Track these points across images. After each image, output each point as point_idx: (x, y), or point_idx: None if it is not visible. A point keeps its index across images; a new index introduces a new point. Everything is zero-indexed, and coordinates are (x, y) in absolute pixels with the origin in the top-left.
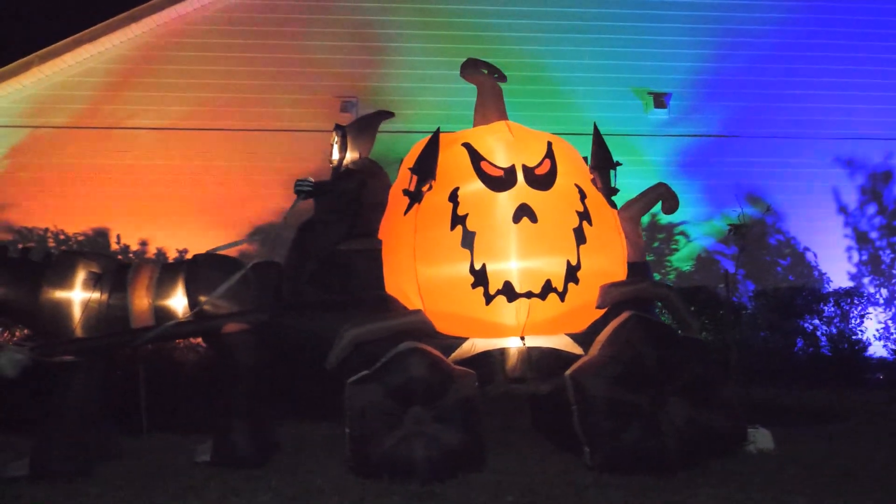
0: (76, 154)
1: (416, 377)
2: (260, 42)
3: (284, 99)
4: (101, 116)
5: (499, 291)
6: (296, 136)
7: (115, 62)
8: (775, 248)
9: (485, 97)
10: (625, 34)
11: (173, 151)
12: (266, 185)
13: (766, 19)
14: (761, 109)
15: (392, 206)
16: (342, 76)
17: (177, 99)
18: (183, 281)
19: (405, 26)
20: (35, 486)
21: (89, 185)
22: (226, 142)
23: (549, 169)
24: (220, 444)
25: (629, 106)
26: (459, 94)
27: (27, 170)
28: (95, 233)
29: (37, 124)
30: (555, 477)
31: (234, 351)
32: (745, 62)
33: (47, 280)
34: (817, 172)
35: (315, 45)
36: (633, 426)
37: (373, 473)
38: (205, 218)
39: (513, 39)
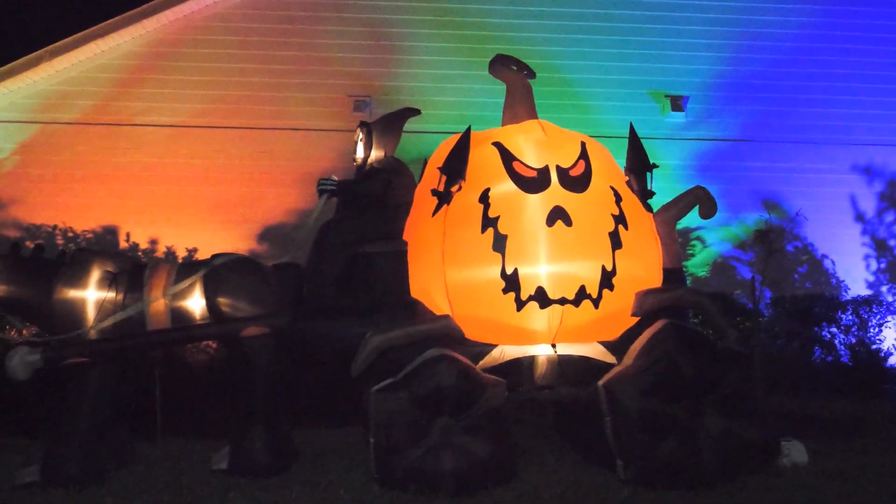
0: (86, 151)
1: (446, 386)
2: (273, 40)
3: (297, 97)
4: (112, 113)
5: (531, 297)
6: (308, 134)
7: (126, 58)
8: (792, 255)
9: (514, 95)
10: (642, 36)
11: (184, 149)
12: (278, 183)
13: (784, 23)
14: (779, 114)
15: (418, 207)
16: (355, 75)
17: (188, 96)
18: (201, 282)
19: (419, 25)
20: (47, 493)
21: (99, 182)
22: (237, 140)
23: (583, 170)
24: (238, 452)
25: (646, 109)
26: (474, 94)
27: (36, 166)
28: (104, 230)
29: (46, 120)
30: (589, 490)
31: (253, 355)
32: (763, 66)
33: (61, 279)
34: (835, 179)
35: (328, 43)
36: (669, 439)
37: (398, 485)
38: (215, 216)
39: (528, 40)
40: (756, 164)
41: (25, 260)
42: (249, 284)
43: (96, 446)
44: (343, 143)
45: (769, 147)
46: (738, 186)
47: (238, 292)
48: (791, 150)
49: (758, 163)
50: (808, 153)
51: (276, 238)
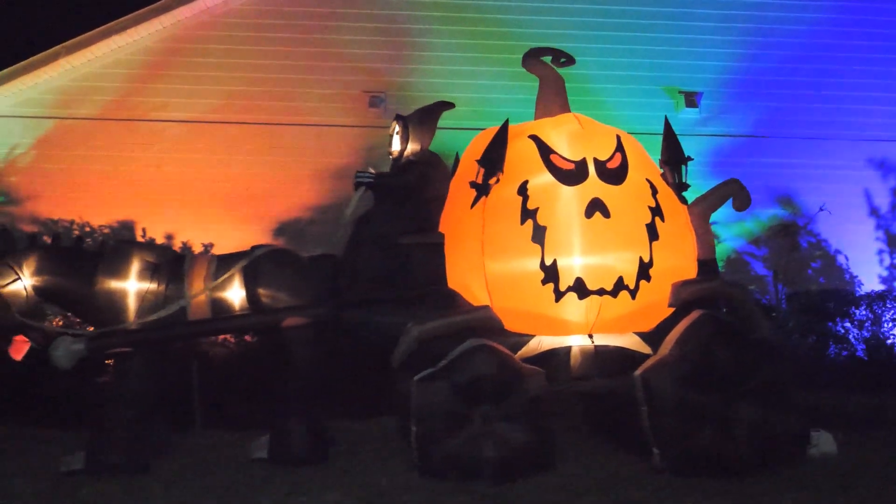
0: (102, 146)
1: (486, 375)
2: (288, 36)
3: (312, 93)
4: (128, 109)
5: (569, 288)
6: (323, 130)
7: (143, 54)
8: (806, 250)
9: (547, 89)
10: (656, 32)
11: (200, 144)
12: (294, 179)
13: (798, 19)
14: (793, 110)
15: (454, 199)
16: (371, 71)
17: (204, 91)
18: (241, 273)
19: (434, 21)
20: (96, 482)
21: (115, 177)
22: (253, 135)
23: (620, 163)
24: (277, 441)
25: (660, 105)
26: (489, 89)
27: (53, 161)
28: (121, 225)
29: (63, 116)
30: (625, 479)
31: (292, 345)
32: (777, 62)
33: (103, 270)
34: (849, 174)
35: (344, 39)
36: (705, 428)
37: (440, 474)
38: (231, 212)
39: (543, 37)
40: (770, 159)
41: (66, 250)
42: (288, 275)
43: (139, 435)
44: (358, 139)
45: (783, 143)
46: (751, 182)
47: (277, 283)
48: (805, 146)
49: (772, 159)
50: (821, 149)
51: (292, 233)
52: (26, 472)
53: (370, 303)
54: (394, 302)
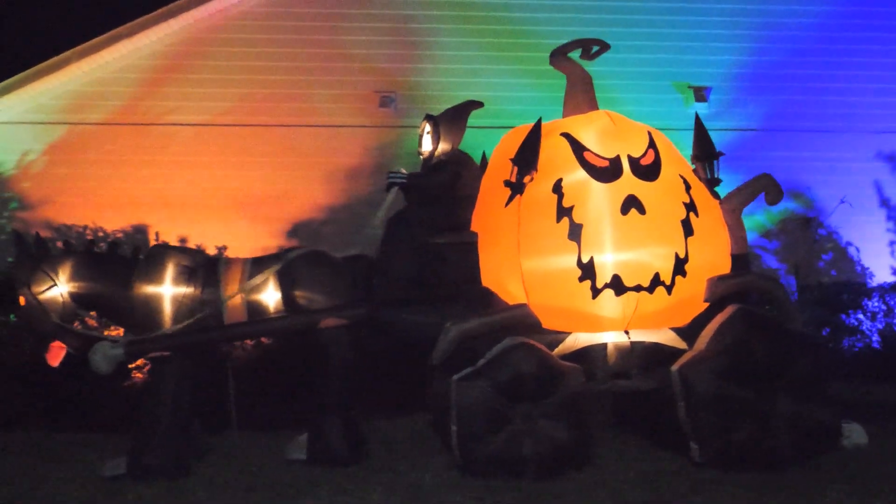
0: (114, 150)
1: (526, 373)
2: (298, 37)
3: (323, 94)
4: (139, 113)
5: (606, 285)
6: (334, 131)
7: (153, 58)
8: (817, 242)
9: (575, 86)
10: (665, 27)
11: (212, 147)
12: (305, 180)
13: (807, 12)
14: (802, 103)
15: (486, 198)
16: (381, 71)
17: (215, 95)
18: (276, 276)
19: (445, 20)
20: (139, 486)
21: (127, 181)
22: (264, 137)
23: (653, 159)
24: (315, 442)
25: (669, 100)
26: (500, 88)
27: (65, 166)
28: (134, 229)
29: (74, 121)
30: (664, 474)
31: (328, 347)
32: (786, 56)
33: (139, 274)
34: (859, 167)
35: (354, 39)
36: (743, 421)
37: (482, 472)
38: (244, 214)
39: (553, 33)
40: (780, 153)
41: (101, 256)
42: (324, 277)
43: (179, 439)
44: (369, 139)
45: (793, 136)
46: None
47: (313, 285)
48: (815, 139)
49: (781, 152)
50: (831, 142)
51: (305, 235)
52: (69, 477)
53: (406, 303)
54: (430, 301)
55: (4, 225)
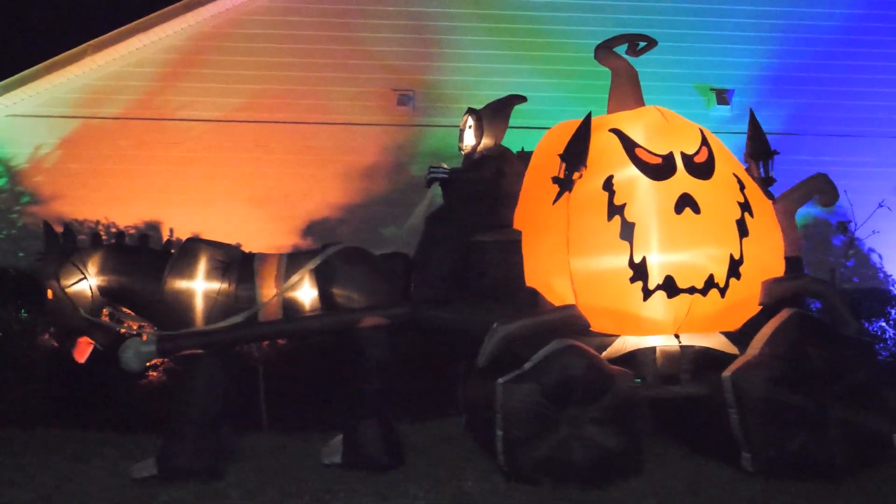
0: (128, 145)
1: (575, 377)
2: (315, 33)
3: (340, 92)
4: (154, 107)
5: (659, 286)
6: (351, 129)
7: (169, 52)
8: (839, 249)
9: (621, 82)
10: (687, 29)
11: (227, 143)
12: (321, 178)
13: (830, 15)
14: (825, 107)
15: (530, 195)
16: (399, 69)
17: (230, 90)
18: (313, 273)
19: (463, 18)
20: (172, 488)
21: (141, 176)
22: (280, 134)
23: (707, 157)
24: (351, 446)
25: (691, 102)
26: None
27: (79, 161)
28: (147, 225)
29: (89, 115)
30: (716, 483)
31: (366, 347)
32: (809, 58)
33: (172, 269)
34: (882, 171)
35: (372, 37)
36: (797, 430)
37: (527, 478)
38: (258, 211)
39: (573, 33)
40: (802, 157)
41: (131, 249)
42: (362, 275)
43: (210, 440)
44: (387, 138)
45: (815, 140)
46: (784, 180)
47: (352, 283)
48: (837, 143)
49: (804, 156)
50: (854, 146)
51: (321, 232)
52: (94, 477)
53: (449, 303)
54: (472, 301)
55: (16, 219)
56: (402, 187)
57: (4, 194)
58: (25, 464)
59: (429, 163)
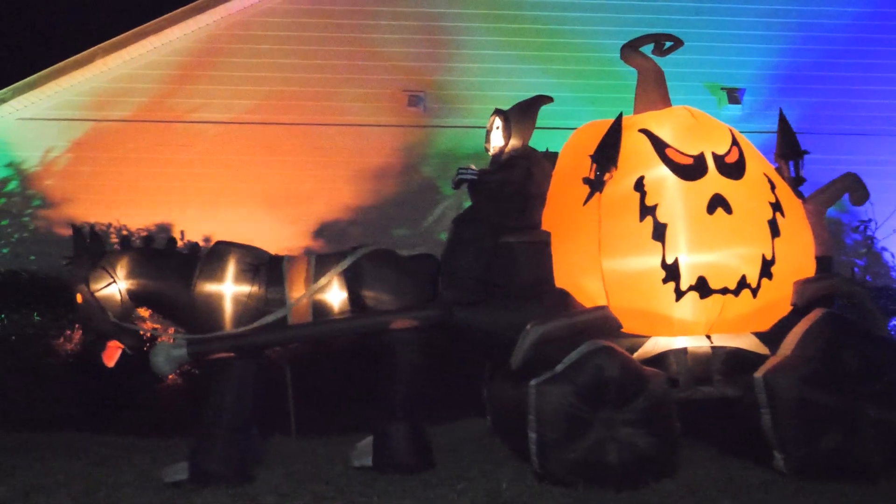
0: (139, 148)
1: (609, 378)
2: (326, 35)
3: (351, 93)
4: (164, 110)
5: (691, 287)
6: (362, 130)
7: (179, 54)
8: (851, 247)
9: (647, 82)
10: (698, 28)
11: (237, 146)
12: (332, 179)
13: (841, 13)
14: (836, 105)
15: (558, 196)
16: (409, 70)
17: (241, 92)
18: (342, 275)
19: (473, 19)
20: (206, 492)
21: (152, 179)
22: (291, 136)
23: (738, 157)
24: (382, 449)
25: (702, 101)
26: (529, 87)
27: (89, 164)
28: (158, 228)
29: (99, 118)
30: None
31: (396, 349)
32: (820, 57)
33: (202, 272)
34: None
35: (382, 38)
36: (831, 430)
37: (562, 480)
38: (270, 213)
39: (584, 33)
40: (814, 156)
41: (159, 252)
42: (392, 276)
43: (241, 443)
44: (397, 139)
45: (827, 139)
46: None
47: (382, 285)
48: (849, 142)
49: (816, 155)
50: (866, 144)
51: (333, 234)
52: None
53: (479, 304)
54: (503, 303)
55: (28, 222)
56: (413, 188)
57: (15, 198)
58: (55, 469)
59: (440, 163)
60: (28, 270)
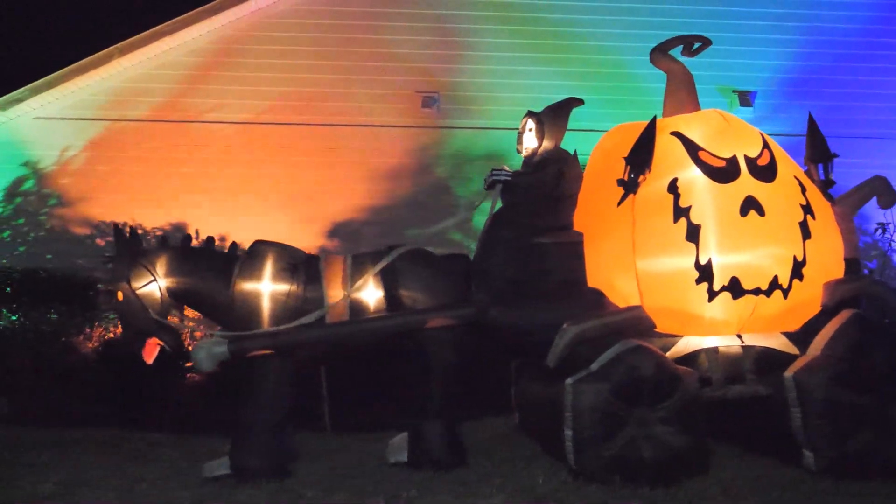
0: (154, 148)
1: (645, 377)
2: (340, 36)
3: (365, 94)
4: (180, 110)
5: (724, 288)
6: (376, 130)
7: (195, 55)
8: (862, 250)
9: (677, 85)
10: (710, 31)
11: (252, 146)
12: (346, 180)
13: (852, 17)
14: (848, 108)
15: (590, 197)
16: (423, 71)
17: (256, 93)
18: (379, 274)
19: (487, 20)
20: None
21: (167, 179)
22: (306, 136)
23: (769, 160)
24: (417, 445)
25: (714, 104)
26: (542, 89)
27: (105, 163)
28: (173, 227)
29: (115, 117)
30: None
31: (431, 347)
32: (832, 60)
33: (242, 271)
34: None
35: (396, 39)
36: (861, 429)
37: (598, 476)
38: (284, 213)
39: (595, 35)
40: None
41: (198, 251)
42: (428, 276)
43: (280, 439)
44: (411, 139)
45: (838, 142)
46: None
47: (418, 284)
48: (861, 145)
49: None
50: (878, 148)
51: (347, 234)
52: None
53: (513, 303)
54: (537, 302)
55: (44, 221)
56: (427, 189)
57: (32, 197)
58: (92, 465)
59: (453, 164)
60: (46, 269)
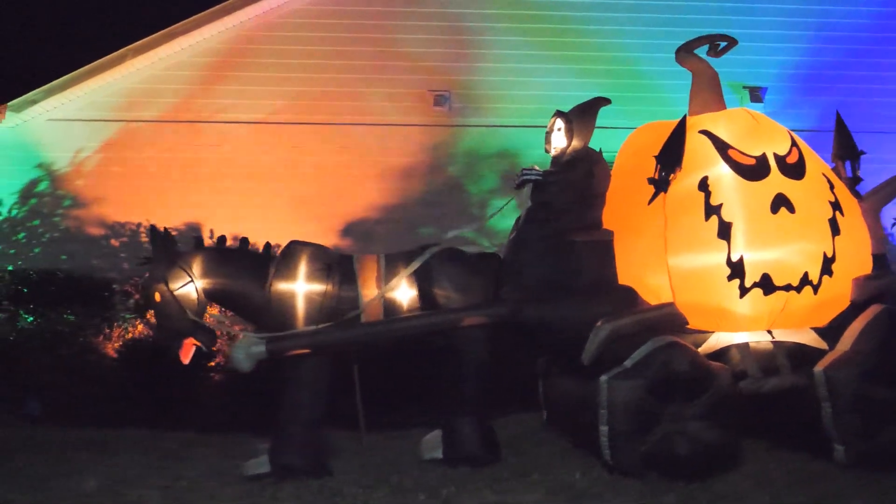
0: (168, 148)
1: (679, 373)
2: (352, 35)
3: (377, 93)
4: (193, 110)
5: (755, 284)
6: (388, 129)
7: (207, 55)
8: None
9: (702, 84)
10: (720, 27)
11: (265, 145)
12: (359, 179)
13: (863, 12)
14: (858, 104)
15: (619, 196)
16: (435, 70)
17: (269, 92)
18: (414, 273)
19: (498, 18)
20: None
21: (181, 179)
22: (318, 136)
23: (798, 157)
24: (451, 442)
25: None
26: (554, 87)
27: (119, 164)
28: (188, 228)
29: (129, 118)
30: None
31: (464, 345)
32: (842, 55)
33: (277, 272)
34: None
35: (408, 38)
36: (890, 423)
37: (634, 471)
38: (297, 212)
39: (606, 33)
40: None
41: (233, 251)
42: (461, 275)
43: (318, 437)
44: (423, 138)
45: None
46: None
47: (451, 283)
48: (871, 140)
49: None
50: (888, 143)
51: (359, 233)
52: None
53: (546, 301)
54: (570, 300)
55: (59, 222)
56: (439, 188)
57: (46, 198)
58: (130, 463)
59: (465, 163)
60: (62, 269)
